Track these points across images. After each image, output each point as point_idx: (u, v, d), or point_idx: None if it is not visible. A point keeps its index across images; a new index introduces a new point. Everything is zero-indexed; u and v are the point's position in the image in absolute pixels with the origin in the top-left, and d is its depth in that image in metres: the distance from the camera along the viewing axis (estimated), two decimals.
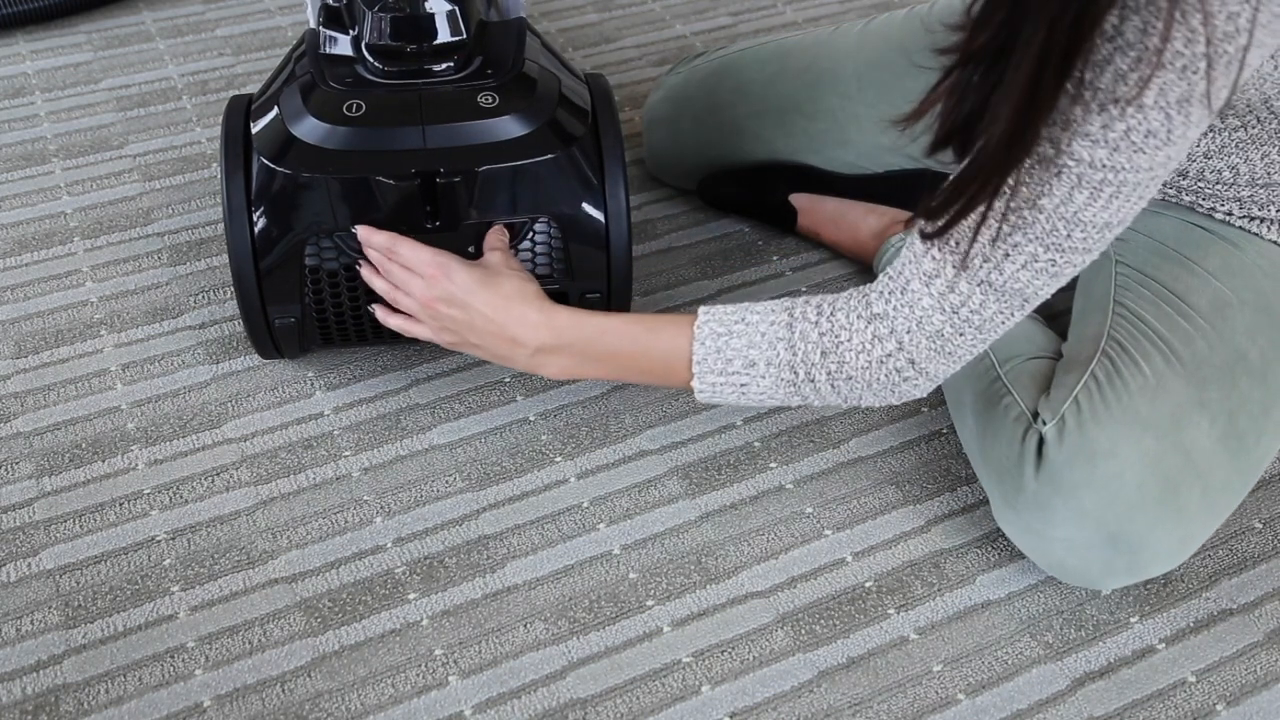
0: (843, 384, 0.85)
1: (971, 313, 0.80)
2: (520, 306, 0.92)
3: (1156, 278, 0.94)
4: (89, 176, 1.36)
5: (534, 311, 0.92)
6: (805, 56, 1.22)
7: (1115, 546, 0.87)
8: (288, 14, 1.68)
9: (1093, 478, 0.86)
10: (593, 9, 1.71)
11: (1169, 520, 0.87)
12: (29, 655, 0.89)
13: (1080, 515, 0.87)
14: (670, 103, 1.31)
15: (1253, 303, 0.91)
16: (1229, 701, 0.87)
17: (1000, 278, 0.78)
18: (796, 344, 0.85)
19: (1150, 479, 0.86)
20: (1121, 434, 0.86)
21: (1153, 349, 0.90)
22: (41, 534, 0.97)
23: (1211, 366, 0.89)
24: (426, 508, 1.00)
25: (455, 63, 1.01)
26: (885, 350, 0.83)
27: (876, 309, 0.83)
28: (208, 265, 1.24)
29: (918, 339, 0.82)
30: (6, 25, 1.61)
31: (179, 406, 1.08)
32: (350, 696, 0.87)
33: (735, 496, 1.01)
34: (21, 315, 1.18)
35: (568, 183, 1.00)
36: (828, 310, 0.85)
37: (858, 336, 0.83)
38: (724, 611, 0.93)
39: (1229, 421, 0.88)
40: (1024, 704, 0.87)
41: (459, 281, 0.93)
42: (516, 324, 0.92)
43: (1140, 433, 0.86)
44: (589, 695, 0.87)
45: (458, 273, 0.93)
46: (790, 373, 0.85)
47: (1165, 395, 0.88)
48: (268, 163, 0.97)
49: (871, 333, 0.83)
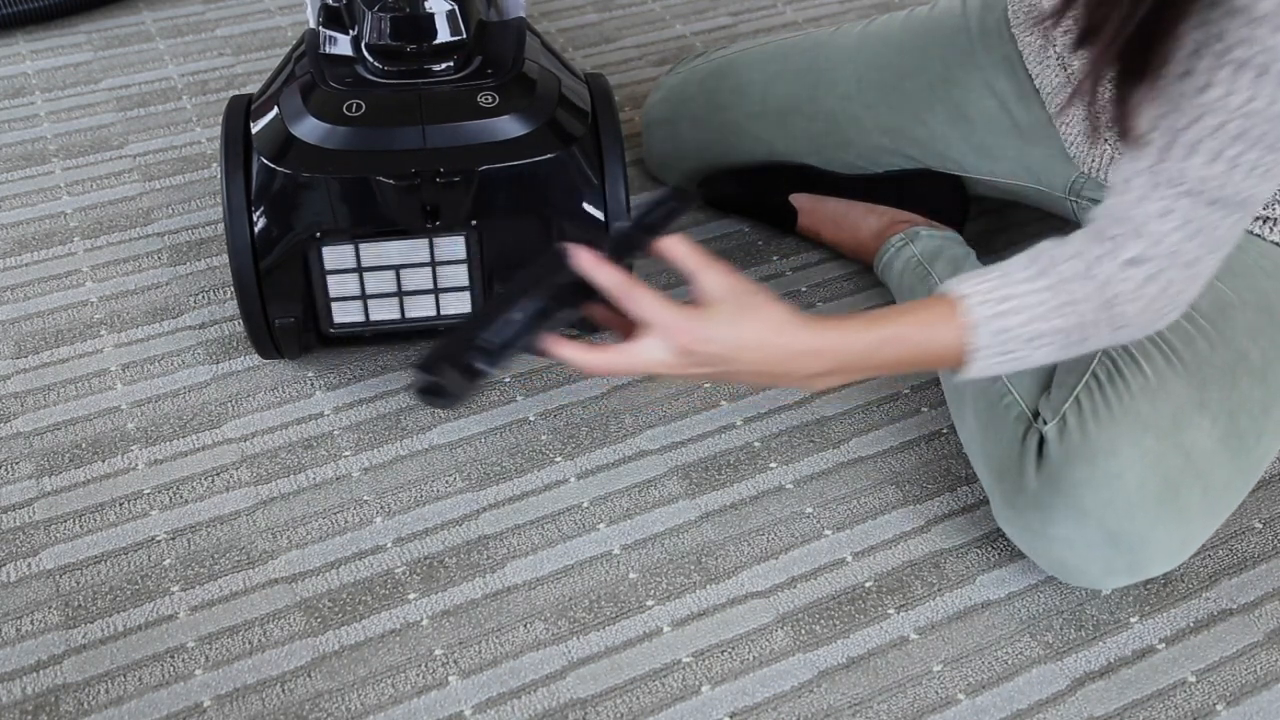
0: (1116, 334, 0.83)
1: (1214, 232, 0.78)
2: (783, 338, 0.80)
3: None
4: (89, 176, 1.36)
5: (799, 341, 0.80)
6: (804, 58, 1.22)
7: (1115, 546, 0.87)
8: (288, 14, 1.68)
9: (1093, 477, 0.86)
10: (593, 9, 1.71)
11: (1169, 520, 0.87)
12: (29, 655, 0.89)
13: (1080, 514, 0.87)
14: (669, 103, 1.31)
15: (1254, 303, 0.91)
16: (1229, 701, 0.87)
17: (1228, 191, 0.77)
18: (1069, 310, 0.81)
19: (1151, 478, 0.86)
20: (1122, 433, 0.86)
21: (1154, 349, 0.90)
22: (41, 534, 0.97)
23: (1212, 366, 0.89)
24: (426, 508, 1.00)
25: (455, 62, 1.01)
26: (1154, 290, 0.80)
27: (1131, 253, 0.79)
28: (208, 265, 1.24)
29: (1175, 272, 0.80)
30: (6, 25, 1.61)
31: (179, 406, 1.08)
32: (350, 696, 0.87)
33: (735, 496, 1.01)
34: (21, 315, 1.18)
35: (568, 182, 1.00)
36: (1082, 268, 0.81)
37: (1128, 285, 0.80)
38: (724, 611, 0.93)
39: (1230, 421, 0.88)
40: (1024, 704, 0.87)
41: (716, 334, 0.78)
42: (783, 360, 0.81)
43: (1141, 432, 0.86)
44: (589, 695, 0.87)
45: (710, 325, 0.78)
46: (1065, 338, 0.82)
47: (1166, 395, 0.88)
48: (268, 162, 0.97)
49: (1142, 276, 0.80)
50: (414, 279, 1.04)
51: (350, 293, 1.04)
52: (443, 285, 1.04)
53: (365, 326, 1.06)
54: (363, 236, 1.00)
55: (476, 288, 1.05)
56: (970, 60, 1.12)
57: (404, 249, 1.01)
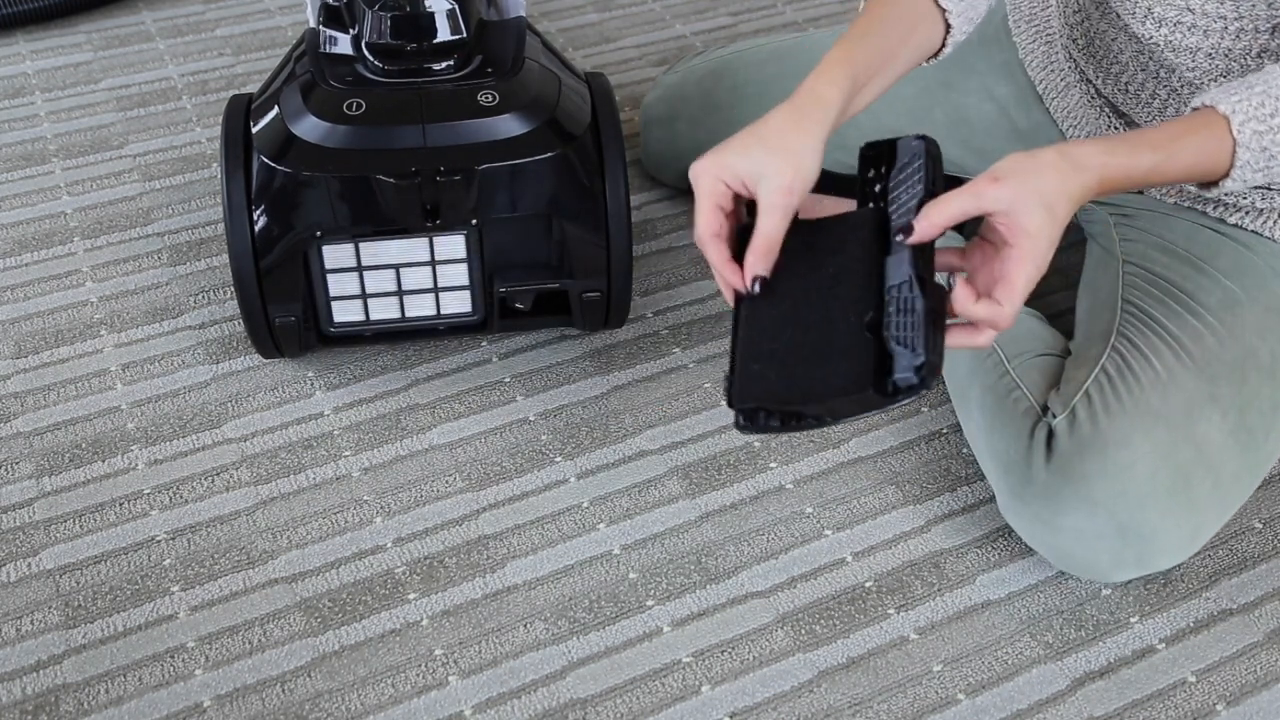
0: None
1: None
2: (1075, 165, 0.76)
3: (1166, 276, 0.95)
4: (89, 176, 1.36)
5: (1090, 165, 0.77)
6: (801, 59, 1.22)
7: (1125, 537, 0.87)
8: (288, 14, 1.68)
9: (1104, 468, 0.86)
10: (593, 9, 1.71)
11: (1180, 511, 0.87)
12: (29, 655, 0.89)
13: (1091, 505, 0.87)
14: (667, 103, 1.31)
15: (1263, 302, 0.92)
16: (1229, 701, 0.87)
17: None
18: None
19: (1162, 470, 0.86)
20: (1134, 425, 0.86)
21: (1163, 345, 0.90)
22: (41, 534, 0.97)
23: (1221, 363, 0.89)
24: (426, 508, 1.00)
25: (455, 61, 1.01)
26: None
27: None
28: (208, 265, 1.24)
29: None
30: (6, 25, 1.61)
31: (179, 406, 1.08)
32: (350, 696, 0.86)
33: (735, 496, 1.01)
34: (21, 315, 1.18)
35: (568, 182, 1.00)
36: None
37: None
38: (724, 611, 0.93)
39: (1240, 416, 0.88)
40: (1024, 704, 0.87)
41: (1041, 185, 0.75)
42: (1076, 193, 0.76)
43: (1152, 424, 0.86)
44: (589, 695, 0.87)
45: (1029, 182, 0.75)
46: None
47: (1176, 389, 0.88)
48: (268, 162, 0.97)
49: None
50: (414, 278, 1.04)
51: (350, 292, 1.04)
52: (443, 284, 1.04)
53: (365, 326, 1.06)
54: (363, 235, 1.00)
55: (476, 287, 1.05)
56: (969, 66, 1.12)
57: (404, 248, 1.01)
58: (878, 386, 0.73)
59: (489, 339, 1.15)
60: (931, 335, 0.73)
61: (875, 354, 0.74)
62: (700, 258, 1.26)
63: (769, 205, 0.78)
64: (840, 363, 0.74)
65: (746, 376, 0.74)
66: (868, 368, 0.73)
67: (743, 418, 0.74)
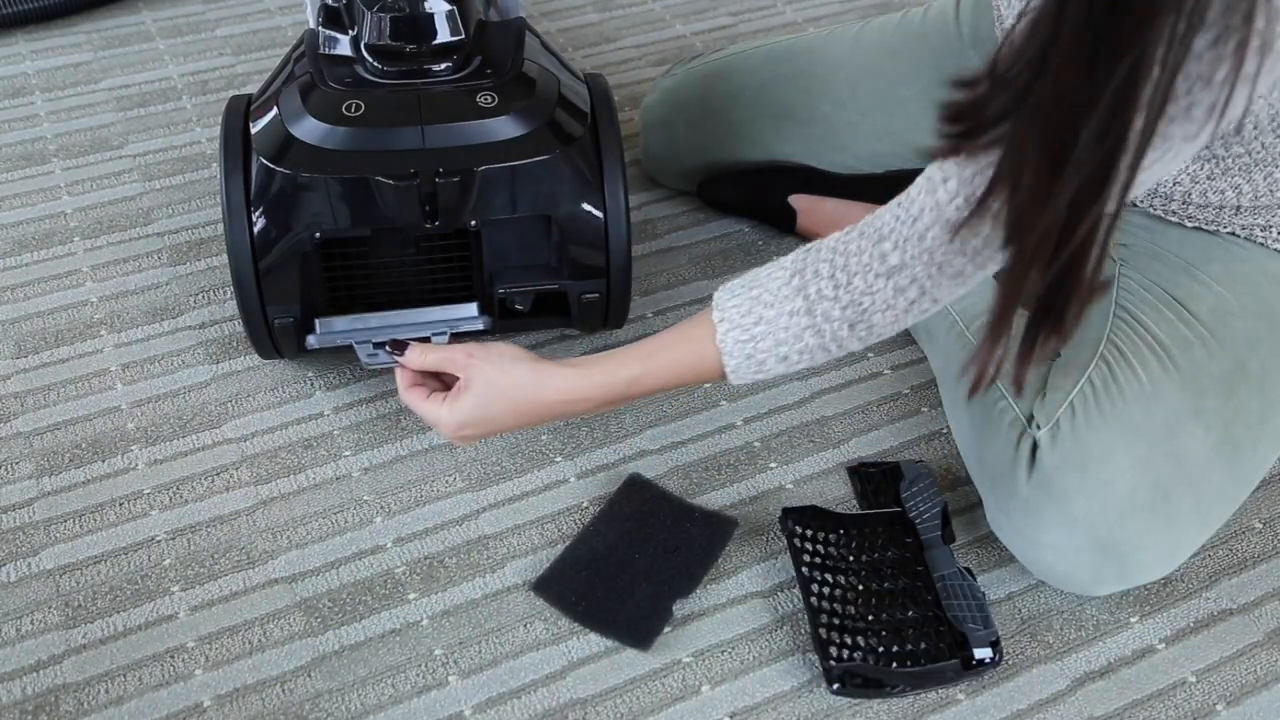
0: (870, 337, 0.83)
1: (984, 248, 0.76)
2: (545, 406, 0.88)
3: (1158, 283, 0.94)
4: (89, 176, 1.36)
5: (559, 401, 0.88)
6: (798, 62, 1.22)
7: (1104, 553, 0.87)
8: (288, 14, 1.68)
9: (1084, 484, 0.86)
10: (593, 9, 1.71)
11: (1159, 528, 0.86)
12: (29, 655, 0.89)
13: (1070, 521, 0.87)
14: (665, 105, 1.31)
15: (1255, 310, 0.91)
16: (1229, 701, 0.87)
17: None
18: (822, 327, 0.82)
19: (1142, 486, 0.85)
20: (1115, 440, 0.86)
21: (1150, 355, 0.89)
22: (41, 534, 0.97)
23: (1209, 374, 0.89)
24: (426, 508, 1.00)
25: (454, 63, 1.01)
26: (909, 299, 0.80)
27: (893, 261, 0.79)
28: (208, 265, 1.24)
29: (939, 281, 0.79)
30: (6, 25, 1.61)
31: (179, 406, 1.08)
32: (350, 696, 0.87)
33: (735, 496, 1.01)
34: (21, 315, 1.18)
35: (567, 183, 1.00)
36: (843, 278, 0.81)
37: (880, 296, 0.80)
38: (724, 611, 0.93)
39: (1225, 430, 0.88)
40: (1024, 704, 0.87)
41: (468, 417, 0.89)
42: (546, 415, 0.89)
43: (1134, 439, 0.86)
44: (589, 695, 0.87)
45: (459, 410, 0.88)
46: (822, 352, 0.83)
47: (1160, 402, 0.87)
48: (267, 163, 0.97)
49: (893, 287, 0.79)
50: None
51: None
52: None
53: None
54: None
55: (476, 288, 1.05)
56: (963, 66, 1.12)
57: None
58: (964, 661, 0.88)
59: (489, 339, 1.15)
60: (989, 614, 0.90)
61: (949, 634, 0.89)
62: (700, 258, 1.26)
63: None
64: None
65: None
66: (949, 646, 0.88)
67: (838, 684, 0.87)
